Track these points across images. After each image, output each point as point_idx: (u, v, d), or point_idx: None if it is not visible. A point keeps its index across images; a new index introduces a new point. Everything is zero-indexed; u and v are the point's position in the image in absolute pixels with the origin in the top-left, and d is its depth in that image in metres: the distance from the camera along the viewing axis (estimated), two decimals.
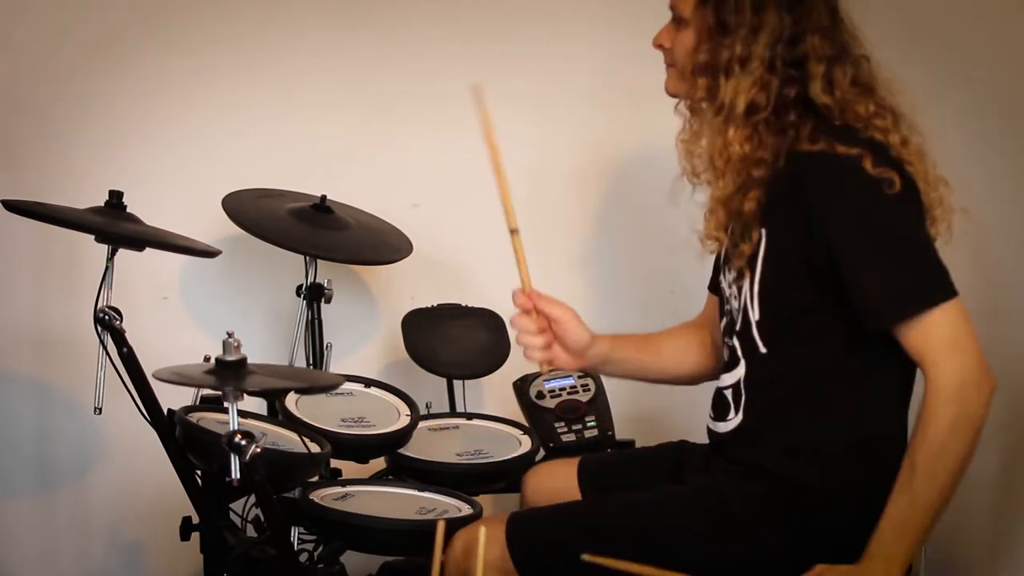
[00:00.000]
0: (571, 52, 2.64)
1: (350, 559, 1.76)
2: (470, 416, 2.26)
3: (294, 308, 2.32)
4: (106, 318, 1.80)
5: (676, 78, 1.70)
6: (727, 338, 1.70)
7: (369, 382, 2.16)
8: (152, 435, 1.84)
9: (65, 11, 2.42)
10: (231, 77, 2.50)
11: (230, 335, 1.59)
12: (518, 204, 1.63)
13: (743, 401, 1.67)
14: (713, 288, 1.87)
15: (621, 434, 2.26)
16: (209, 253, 1.99)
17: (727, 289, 1.70)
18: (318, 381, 1.95)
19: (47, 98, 2.42)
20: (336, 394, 2.08)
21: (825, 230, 1.52)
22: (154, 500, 2.33)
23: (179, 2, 2.49)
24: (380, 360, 2.59)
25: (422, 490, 1.93)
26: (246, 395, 1.60)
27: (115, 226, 1.83)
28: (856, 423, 1.58)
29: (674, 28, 1.69)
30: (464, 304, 2.41)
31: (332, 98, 2.55)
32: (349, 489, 1.90)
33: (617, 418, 2.26)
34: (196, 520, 1.90)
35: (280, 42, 2.52)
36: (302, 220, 2.19)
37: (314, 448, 1.84)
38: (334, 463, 2.09)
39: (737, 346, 1.67)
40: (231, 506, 1.94)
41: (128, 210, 1.88)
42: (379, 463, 2.10)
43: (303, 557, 1.80)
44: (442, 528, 1.37)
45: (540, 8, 2.64)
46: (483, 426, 2.23)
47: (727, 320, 1.71)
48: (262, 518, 1.71)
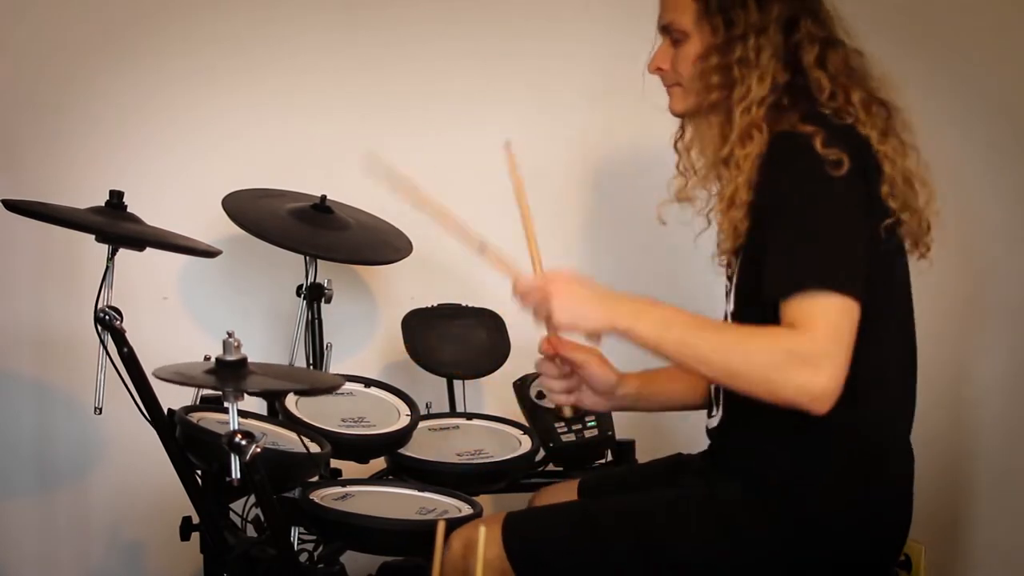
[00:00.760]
0: (571, 52, 2.64)
1: (350, 559, 1.76)
2: (470, 416, 2.26)
3: (294, 308, 2.32)
4: (106, 318, 1.79)
5: (682, 95, 1.69)
6: None
7: (369, 382, 2.15)
8: (152, 435, 1.84)
9: (65, 11, 2.42)
10: (231, 77, 2.49)
11: (230, 335, 1.58)
12: None
13: (722, 396, 1.68)
14: None
15: (621, 434, 2.25)
16: (209, 253, 1.99)
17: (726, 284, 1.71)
18: (319, 382, 1.95)
19: (47, 98, 2.41)
20: (336, 394, 2.07)
21: (761, 198, 1.52)
22: (154, 500, 2.33)
23: (179, 2, 2.49)
24: (380, 360, 2.58)
25: (422, 490, 1.93)
26: (246, 395, 1.60)
27: (115, 226, 1.83)
28: (831, 414, 1.47)
29: (671, 47, 1.68)
30: (464, 304, 2.40)
31: (332, 98, 2.55)
32: (349, 489, 1.90)
33: (617, 418, 2.25)
34: (196, 520, 1.89)
35: (280, 42, 2.52)
36: (302, 220, 2.18)
37: (314, 448, 1.84)
38: (334, 463, 2.08)
39: None
40: (231, 506, 1.94)
41: (128, 210, 1.88)
42: (379, 463, 2.10)
43: (303, 557, 1.79)
44: (442, 528, 1.38)
45: (540, 8, 2.64)
46: (483, 426, 2.22)
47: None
48: (262, 518, 1.71)
